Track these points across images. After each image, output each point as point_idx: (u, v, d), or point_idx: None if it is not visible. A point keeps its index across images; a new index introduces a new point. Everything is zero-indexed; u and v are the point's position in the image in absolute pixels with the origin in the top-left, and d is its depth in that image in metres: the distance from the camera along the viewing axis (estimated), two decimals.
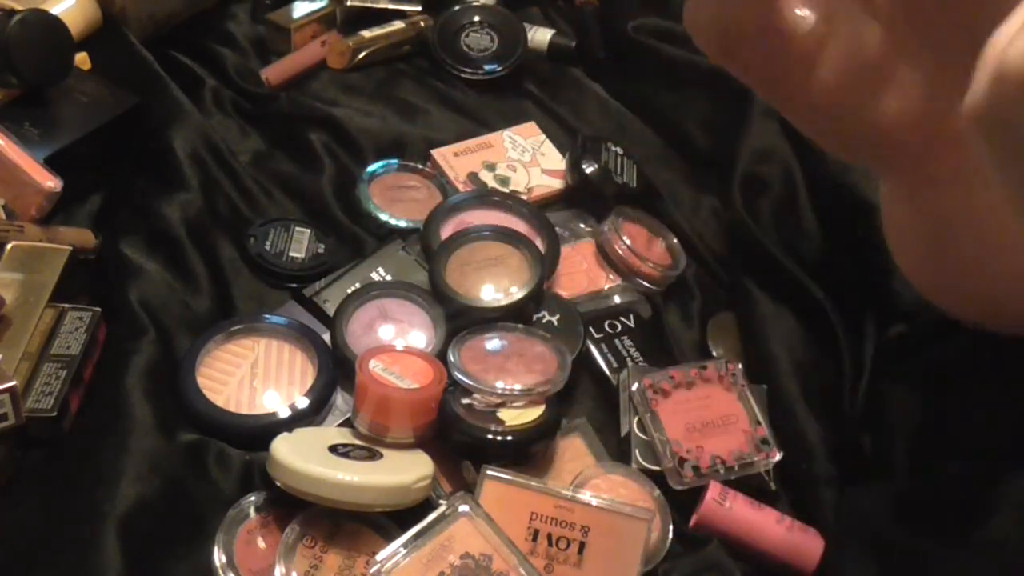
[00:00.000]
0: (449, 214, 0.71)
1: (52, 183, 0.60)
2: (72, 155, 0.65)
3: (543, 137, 0.82)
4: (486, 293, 0.64)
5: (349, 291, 0.64)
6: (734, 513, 0.54)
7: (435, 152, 0.78)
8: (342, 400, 0.60)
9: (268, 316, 0.62)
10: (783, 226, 0.71)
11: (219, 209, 0.69)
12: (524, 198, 0.74)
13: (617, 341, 0.65)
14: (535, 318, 0.64)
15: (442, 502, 0.51)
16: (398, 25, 0.91)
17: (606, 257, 0.71)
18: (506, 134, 0.82)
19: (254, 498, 0.52)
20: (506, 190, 0.76)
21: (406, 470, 0.51)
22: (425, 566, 0.47)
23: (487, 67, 0.89)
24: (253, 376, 0.59)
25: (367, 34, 0.89)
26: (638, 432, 0.58)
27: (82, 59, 0.73)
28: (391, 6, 0.93)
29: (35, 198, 0.60)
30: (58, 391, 0.52)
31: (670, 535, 0.54)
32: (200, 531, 0.50)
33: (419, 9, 0.94)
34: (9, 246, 0.58)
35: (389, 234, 0.71)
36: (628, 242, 0.69)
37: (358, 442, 0.54)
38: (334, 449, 0.51)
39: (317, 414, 0.58)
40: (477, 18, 0.91)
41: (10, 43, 0.62)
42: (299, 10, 0.90)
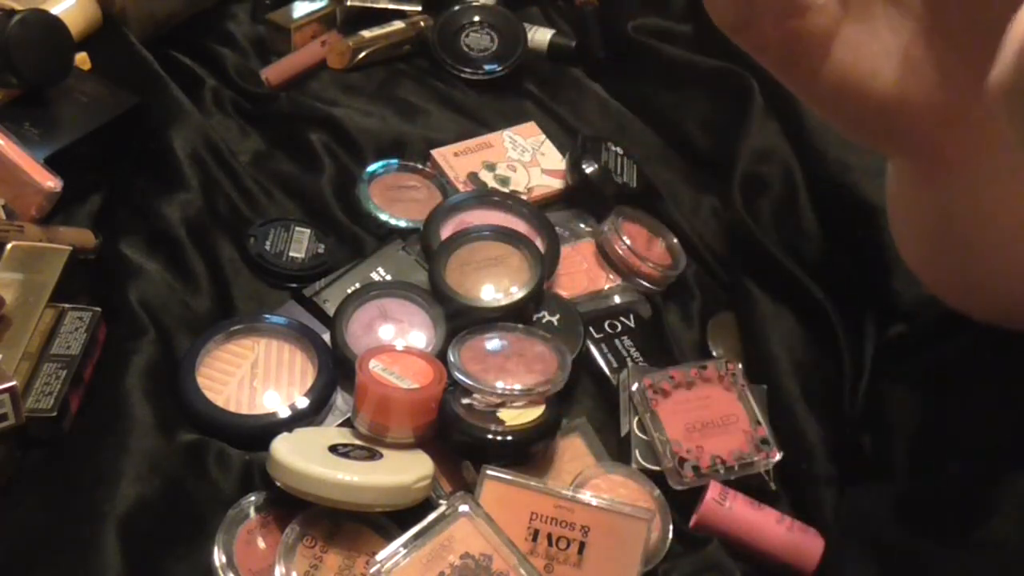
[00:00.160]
0: (449, 214, 0.71)
1: (52, 183, 0.60)
2: (72, 155, 0.65)
3: (543, 137, 0.82)
4: (486, 293, 0.64)
5: (349, 291, 0.64)
6: (734, 513, 0.54)
7: (435, 152, 0.78)
8: (342, 400, 0.60)
9: (268, 316, 0.62)
10: (783, 226, 0.71)
11: (219, 209, 0.69)
12: (524, 198, 0.74)
13: (617, 341, 0.65)
14: (535, 318, 0.64)
15: (442, 502, 0.51)
16: (398, 25, 0.91)
17: (606, 257, 0.70)
18: (506, 134, 0.82)
19: (254, 498, 0.52)
20: (506, 190, 0.76)
21: (406, 470, 0.51)
22: (425, 566, 0.47)
23: (487, 67, 0.89)
24: (253, 376, 0.59)
25: (367, 34, 0.89)
26: (638, 432, 0.58)
27: (82, 59, 0.73)
28: (391, 6, 0.93)
29: (35, 198, 0.60)
30: (58, 391, 0.52)
31: (670, 535, 0.54)
32: (200, 531, 0.50)
33: (419, 9, 0.94)
34: (9, 246, 0.58)
35: (389, 234, 0.71)
36: (628, 242, 0.69)
37: (358, 442, 0.54)
38: (334, 449, 0.51)
39: (317, 414, 0.58)
40: (477, 18, 0.91)
41: (10, 43, 0.62)
42: (299, 10, 0.90)
